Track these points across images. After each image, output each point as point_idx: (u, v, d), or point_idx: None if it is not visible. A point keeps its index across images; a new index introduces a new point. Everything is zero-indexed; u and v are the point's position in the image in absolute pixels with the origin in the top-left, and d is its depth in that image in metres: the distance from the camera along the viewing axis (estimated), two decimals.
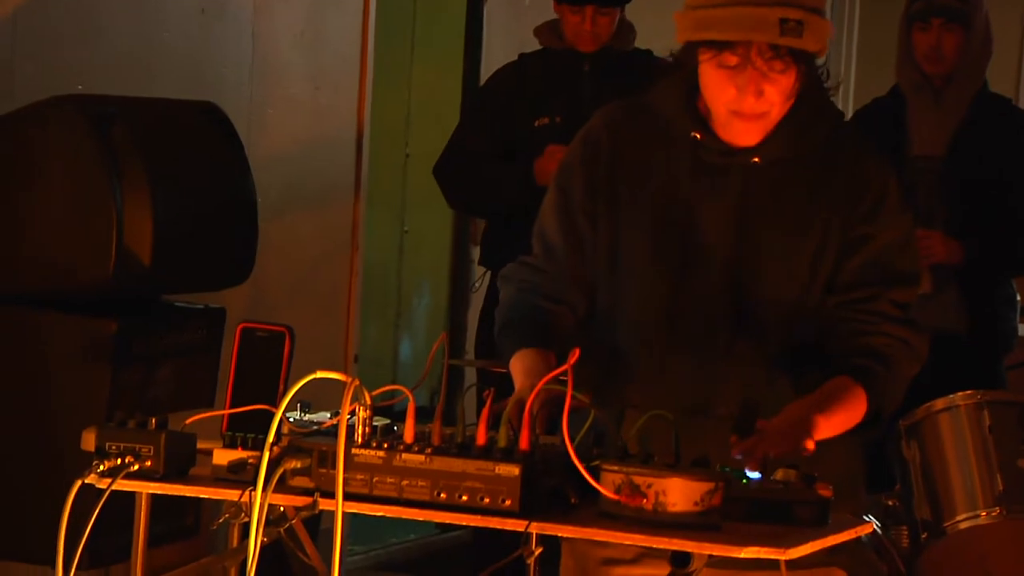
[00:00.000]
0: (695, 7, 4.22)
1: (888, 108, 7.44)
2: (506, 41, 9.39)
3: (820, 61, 4.30)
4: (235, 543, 3.95)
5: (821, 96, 4.33)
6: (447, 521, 4.03)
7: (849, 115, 7.80)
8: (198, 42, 8.14)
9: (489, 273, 7.72)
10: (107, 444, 3.90)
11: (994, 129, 7.42)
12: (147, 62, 7.71)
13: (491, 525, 3.91)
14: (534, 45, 7.90)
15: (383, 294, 10.04)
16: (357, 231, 9.20)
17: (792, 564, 3.83)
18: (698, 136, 4.31)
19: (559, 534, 3.99)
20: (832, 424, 4.10)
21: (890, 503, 6.13)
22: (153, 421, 3.88)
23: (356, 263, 9.20)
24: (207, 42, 8.20)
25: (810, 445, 3.96)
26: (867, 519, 4.34)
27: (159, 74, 7.67)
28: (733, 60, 4.13)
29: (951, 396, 6.08)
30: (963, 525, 6.03)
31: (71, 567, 3.76)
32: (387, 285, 10.15)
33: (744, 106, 4.19)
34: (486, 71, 9.20)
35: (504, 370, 4.19)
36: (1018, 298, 7.87)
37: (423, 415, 3.85)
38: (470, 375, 7.98)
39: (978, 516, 6.02)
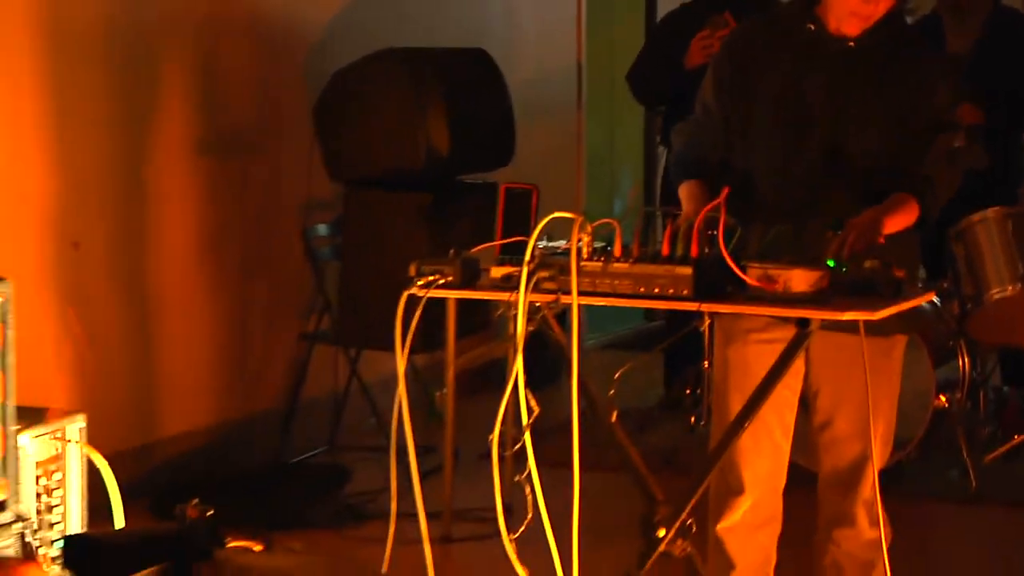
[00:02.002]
0: None
1: (931, 22, 7.25)
2: None
3: None
4: (511, 331, 3.95)
5: (900, 10, 4.26)
6: (645, 306, 4.08)
7: None
8: (469, 9, 8.08)
9: (667, 151, 7.69)
10: (424, 268, 3.95)
11: (1004, 36, 7.24)
12: (435, 22, 7.64)
13: (675, 307, 4.12)
14: None
15: (600, 173, 9.94)
16: (580, 133, 9.17)
17: (877, 327, 3.91)
18: (812, 27, 4.24)
19: (721, 310, 4.05)
20: (894, 222, 4.10)
21: (945, 285, 6.11)
22: (452, 252, 3.92)
23: (581, 154, 9.16)
24: (475, 9, 8.14)
25: (880, 239, 4.00)
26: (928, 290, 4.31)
27: (444, 30, 7.58)
28: None
29: (984, 211, 6.07)
30: (995, 296, 6.01)
31: (406, 349, 3.78)
32: (602, 167, 10.06)
33: (864, 10, 4.13)
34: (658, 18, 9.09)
35: (677, 211, 4.14)
36: None
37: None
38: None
39: (1006, 290, 5.99)
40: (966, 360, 6.62)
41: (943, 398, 6.43)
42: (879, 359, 4.24)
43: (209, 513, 2.72)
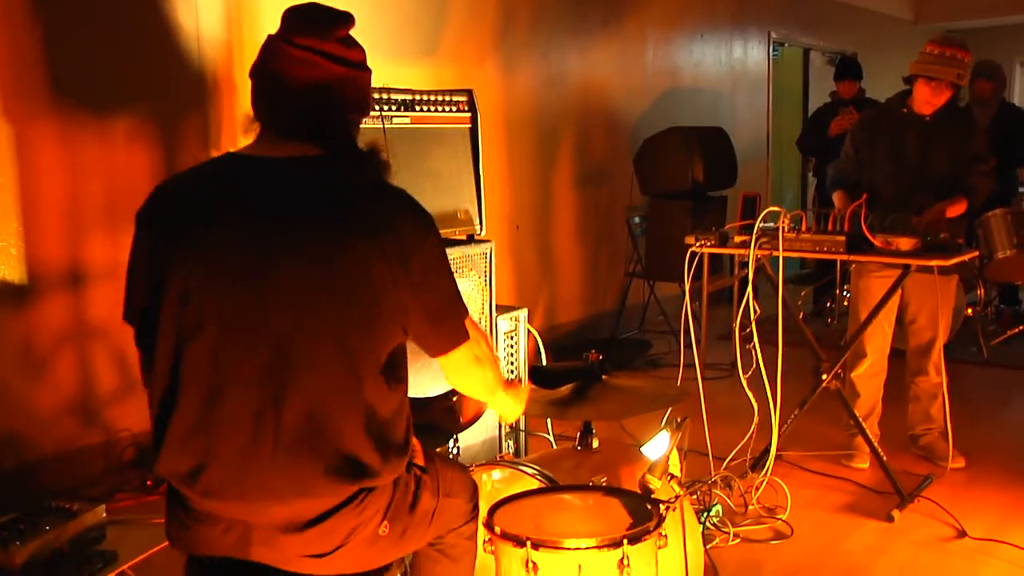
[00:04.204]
0: (921, 62, 3.94)
1: (967, 109, 6.75)
2: (820, 91, 8.88)
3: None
4: (743, 271, 3.83)
5: (957, 94, 4.00)
6: (819, 258, 3.92)
7: None
8: (713, 105, 7.92)
9: (816, 179, 7.39)
10: (699, 236, 3.86)
11: (1006, 119, 6.74)
12: (697, 113, 7.48)
13: (835, 258, 3.86)
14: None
15: (776, 190, 9.47)
16: (768, 168, 8.79)
17: (943, 270, 3.77)
18: (905, 110, 4.04)
19: (860, 259, 3.87)
20: (953, 210, 3.92)
21: (976, 252, 5.76)
22: (713, 228, 3.80)
23: (768, 179, 8.80)
24: (716, 105, 7.95)
25: (943, 221, 3.86)
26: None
27: (700, 117, 7.40)
28: (934, 83, 3.90)
29: (995, 210, 5.63)
30: (999, 256, 5.59)
31: (688, 278, 3.71)
32: (778, 186, 9.61)
33: (933, 99, 3.93)
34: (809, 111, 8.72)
35: (825, 210, 3.96)
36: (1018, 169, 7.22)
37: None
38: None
39: (1006, 252, 5.57)
40: (982, 290, 6.35)
41: (970, 310, 6.15)
42: (943, 287, 4.04)
43: (599, 357, 2.69)
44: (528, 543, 2.04)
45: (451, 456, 2.40)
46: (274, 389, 1.63)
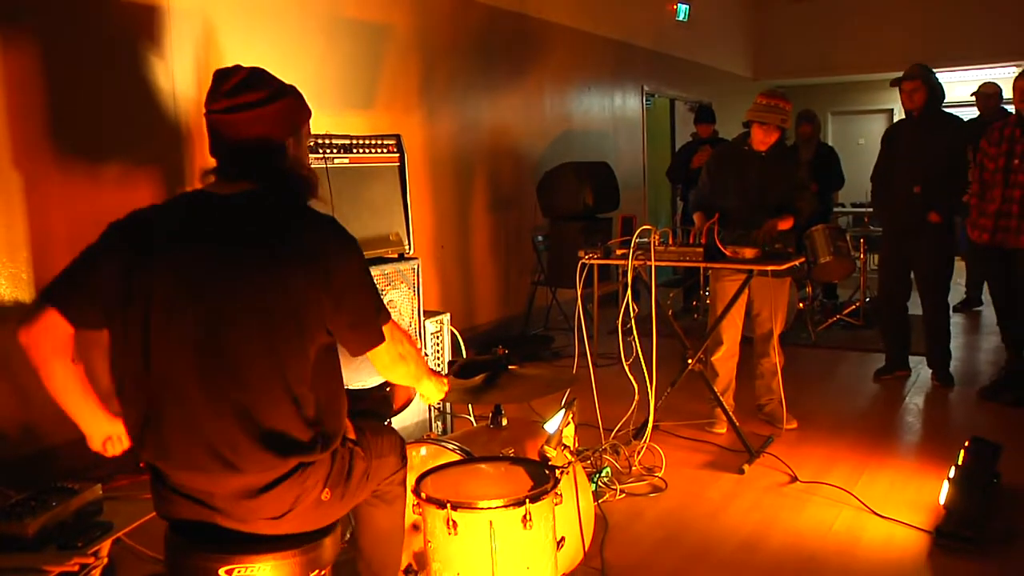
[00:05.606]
0: (754, 110, 4.03)
1: (794, 147, 6.93)
2: (684, 132, 9.01)
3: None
4: (624, 277, 3.84)
5: (784, 135, 4.10)
6: (681, 266, 3.94)
7: None
8: (599, 143, 7.99)
9: (682, 203, 7.50)
10: (587, 250, 3.88)
11: (823, 158, 6.98)
12: (585, 150, 7.51)
13: (693, 266, 3.90)
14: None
15: (655, 211, 9.52)
16: (645, 194, 8.86)
17: (779, 273, 3.85)
18: (746, 148, 4.12)
19: (714, 266, 3.93)
20: (783, 225, 3.98)
21: (802, 258, 5.88)
22: (599, 243, 3.81)
23: (645, 203, 8.88)
24: (601, 143, 8.02)
25: (777, 233, 3.91)
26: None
27: (588, 154, 7.43)
28: (764, 126, 3.99)
29: (817, 226, 5.83)
30: (821, 261, 5.77)
31: (579, 286, 3.73)
32: (656, 208, 9.65)
33: (765, 138, 4.02)
34: (676, 148, 8.85)
35: (690, 227, 4.03)
36: (833, 194, 7.46)
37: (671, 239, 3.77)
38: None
39: (826, 258, 5.75)
40: (810, 288, 6.52)
41: (801, 304, 6.29)
42: (779, 287, 4.14)
43: (505, 351, 2.71)
44: (448, 505, 2.06)
45: None
46: (221, 389, 1.66)
